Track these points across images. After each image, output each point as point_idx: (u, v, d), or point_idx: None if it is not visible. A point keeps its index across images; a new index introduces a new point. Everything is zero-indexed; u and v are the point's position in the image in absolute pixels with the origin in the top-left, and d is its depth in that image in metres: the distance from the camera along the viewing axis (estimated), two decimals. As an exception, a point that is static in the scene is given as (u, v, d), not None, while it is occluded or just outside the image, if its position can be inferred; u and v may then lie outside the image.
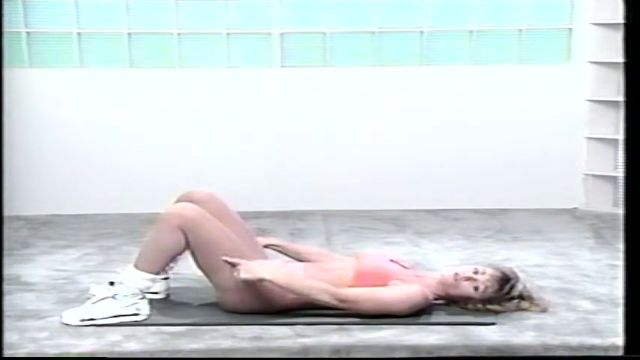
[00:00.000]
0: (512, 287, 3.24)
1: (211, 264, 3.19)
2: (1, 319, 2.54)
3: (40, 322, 3.18)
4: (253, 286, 3.16)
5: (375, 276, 3.23)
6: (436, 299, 3.30)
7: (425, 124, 5.52)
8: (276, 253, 3.55)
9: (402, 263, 3.35)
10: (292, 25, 5.48)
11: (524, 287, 3.29)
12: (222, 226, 3.23)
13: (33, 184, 5.37)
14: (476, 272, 3.22)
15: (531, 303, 3.27)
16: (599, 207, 5.45)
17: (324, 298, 3.13)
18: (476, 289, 3.20)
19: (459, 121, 5.51)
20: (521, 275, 3.33)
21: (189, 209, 3.19)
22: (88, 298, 3.25)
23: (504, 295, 3.23)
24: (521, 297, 3.26)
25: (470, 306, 3.25)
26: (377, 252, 3.71)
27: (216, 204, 3.39)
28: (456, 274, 3.24)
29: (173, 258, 3.21)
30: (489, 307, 3.23)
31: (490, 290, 3.21)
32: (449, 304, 3.32)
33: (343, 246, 4.53)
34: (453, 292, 3.26)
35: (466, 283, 3.21)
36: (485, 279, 3.21)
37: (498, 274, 3.23)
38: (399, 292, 3.17)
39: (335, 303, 3.14)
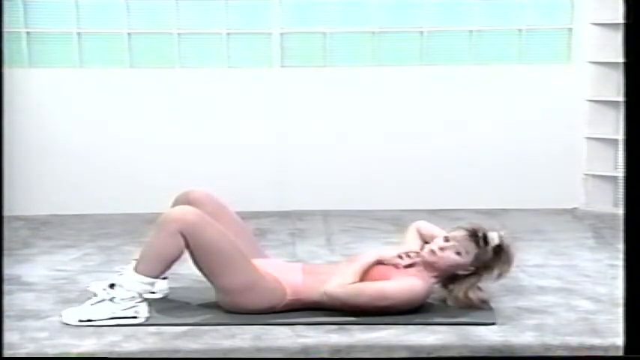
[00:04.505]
0: (485, 237, 3.26)
1: (212, 266, 3.18)
2: (1, 319, 2.54)
3: (40, 322, 3.19)
4: (254, 288, 3.17)
5: (370, 278, 3.24)
6: (437, 281, 3.32)
7: (425, 124, 5.51)
8: (275, 252, 3.55)
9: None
10: (292, 25, 5.47)
11: (500, 235, 3.30)
12: (222, 227, 3.22)
13: (33, 184, 5.37)
14: (447, 239, 3.28)
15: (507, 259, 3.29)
16: (599, 207, 5.44)
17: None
18: (458, 253, 3.25)
19: (459, 121, 5.51)
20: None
21: (189, 213, 3.17)
22: (89, 298, 3.25)
23: (486, 247, 3.25)
24: (500, 248, 3.27)
25: (473, 280, 3.28)
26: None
27: (213, 204, 3.39)
28: (432, 250, 3.28)
29: (173, 262, 3.20)
30: (488, 271, 3.27)
31: (471, 248, 3.25)
32: (445, 297, 3.34)
33: (343, 246, 4.53)
34: (443, 266, 3.27)
35: (447, 252, 3.26)
36: (457, 243, 3.26)
37: (465, 232, 3.28)
38: (400, 285, 3.20)
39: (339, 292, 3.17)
